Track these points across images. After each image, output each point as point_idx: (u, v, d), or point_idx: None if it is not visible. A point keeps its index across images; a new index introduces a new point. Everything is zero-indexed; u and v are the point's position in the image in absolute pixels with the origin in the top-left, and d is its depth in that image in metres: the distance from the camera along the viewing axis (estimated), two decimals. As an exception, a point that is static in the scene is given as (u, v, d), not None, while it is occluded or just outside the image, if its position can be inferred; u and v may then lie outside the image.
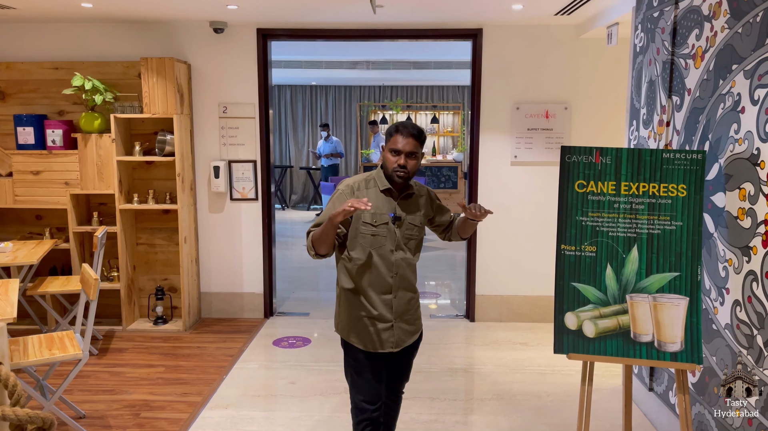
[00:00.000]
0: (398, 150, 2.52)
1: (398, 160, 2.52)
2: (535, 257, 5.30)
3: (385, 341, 2.63)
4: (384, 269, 2.59)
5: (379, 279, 2.59)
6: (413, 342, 2.75)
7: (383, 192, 2.60)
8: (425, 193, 2.75)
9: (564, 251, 2.82)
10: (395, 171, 2.53)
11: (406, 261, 2.64)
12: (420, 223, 2.68)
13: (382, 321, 2.62)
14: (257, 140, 5.26)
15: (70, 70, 4.97)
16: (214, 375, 4.25)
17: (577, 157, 2.83)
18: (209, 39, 5.15)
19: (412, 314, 2.71)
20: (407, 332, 2.69)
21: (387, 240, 2.58)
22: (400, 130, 2.53)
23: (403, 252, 2.62)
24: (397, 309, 2.64)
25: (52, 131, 4.93)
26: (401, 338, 2.67)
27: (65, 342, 3.41)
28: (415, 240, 2.67)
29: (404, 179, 2.56)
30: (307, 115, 12.60)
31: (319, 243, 2.52)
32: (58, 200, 4.96)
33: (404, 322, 2.67)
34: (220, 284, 5.45)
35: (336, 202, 2.57)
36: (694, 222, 2.71)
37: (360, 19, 4.87)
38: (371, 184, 2.62)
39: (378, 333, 2.62)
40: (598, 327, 2.76)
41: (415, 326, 2.74)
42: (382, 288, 2.60)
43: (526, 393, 3.99)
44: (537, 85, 5.14)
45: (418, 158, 2.57)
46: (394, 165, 2.53)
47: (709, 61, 2.85)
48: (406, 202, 2.64)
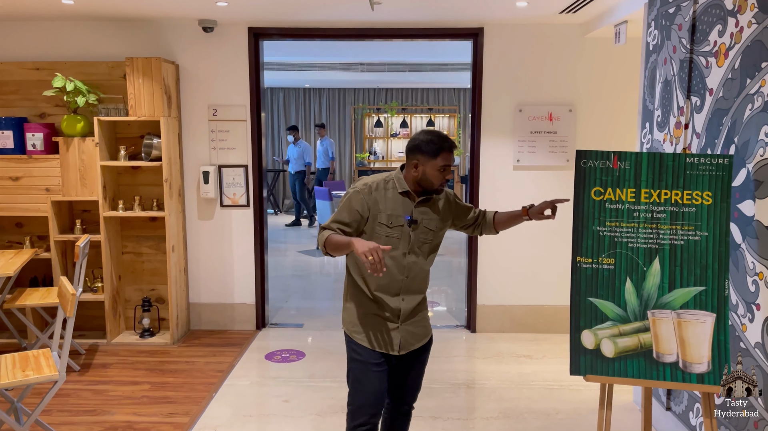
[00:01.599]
0: (448, 166, 2.51)
1: (445, 175, 2.52)
2: (538, 265, 5.09)
3: (387, 342, 2.59)
4: (395, 271, 2.55)
5: (389, 281, 2.55)
6: (421, 346, 2.67)
7: (401, 194, 2.55)
8: (444, 196, 2.68)
9: (580, 264, 2.62)
10: (441, 186, 2.55)
11: (418, 265, 2.59)
12: (436, 228, 2.61)
13: (389, 323, 2.59)
14: (248, 144, 5.03)
15: (52, 71, 4.73)
16: (203, 392, 4.01)
17: (594, 161, 2.62)
18: (198, 38, 4.92)
19: (419, 317, 2.66)
20: (414, 335, 2.63)
21: (401, 242, 2.53)
22: (444, 147, 2.48)
23: (416, 256, 2.57)
24: (404, 312, 2.60)
25: (32, 135, 4.69)
26: (407, 340, 2.61)
27: (41, 362, 3.17)
28: (429, 244, 2.62)
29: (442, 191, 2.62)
30: (301, 118, 12.37)
31: (333, 249, 2.44)
32: (39, 207, 4.72)
33: (411, 325, 2.63)
34: (210, 294, 5.21)
35: (352, 199, 2.51)
36: (721, 232, 2.50)
37: (356, 17, 4.66)
38: (390, 185, 2.56)
39: (385, 333, 2.59)
40: (618, 347, 2.55)
41: (423, 329, 2.68)
42: (391, 289, 2.57)
43: (534, 411, 3.78)
44: (540, 87, 4.94)
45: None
46: (441, 180, 2.52)
47: (734, 59, 2.65)
48: (423, 206, 2.58)
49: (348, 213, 2.49)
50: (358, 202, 2.49)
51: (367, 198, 2.50)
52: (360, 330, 2.60)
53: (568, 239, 4.98)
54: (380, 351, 2.58)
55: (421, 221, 2.56)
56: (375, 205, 2.50)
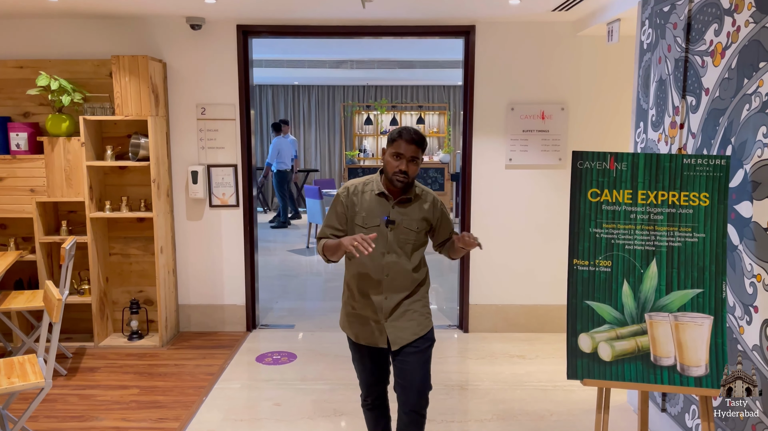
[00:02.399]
0: (400, 154, 2.54)
1: (400, 164, 2.54)
2: (531, 265, 5.07)
3: (377, 338, 2.68)
4: (374, 271, 2.63)
5: (369, 280, 2.65)
6: (416, 340, 2.67)
7: (378, 195, 2.63)
8: (431, 199, 2.73)
9: (576, 266, 2.58)
10: (395, 175, 2.56)
11: (399, 264, 2.63)
12: (418, 228, 2.66)
13: (372, 320, 2.68)
14: (238, 143, 4.96)
15: (36, 69, 4.63)
16: (193, 396, 3.95)
17: (590, 162, 2.59)
18: (186, 36, 4.83)
19: (406, 314, 2.68)
20: (404, 329, 2.67)
21: (378, 242, 2.58)
22: (402, 135, 2.55)
23: (397, 255, 2.62)
24: (387, 309, 2.65)
25: (16, 134, 4.59)
26: (397, 335, 2.66)
27: (26, 369, 3.09)
28: (412, 244, 2.66)
29: (403, 183, 2.58)
30: (290, 116, 12.27)
31: (330, 254, 2.61)
32: (24, 208, 4.62)
33: (399, 321, 2.67)
34: (200, 296, 5.14)
35: (335, 203, 2.68)
36: (718, 233, 2.48)
37: (347, 15, 4.60)
38: (368, 187, 2.66)
39: (371, 330, 2.68)
40: (615, 350, 2.52)
41: (416, 323, 2.68)
42: (372, 289, 2.65)
43: (529, 413, 3.75)
44: (532, 85, 4.90)
45: (418, 163, 2.59)
46: (395, 169, 2.55)
47: (731, 59, 2.63)
48: (402, 207, 2.64)
49: (335, 216, 2.68)
50: (340, 205, 2.66)
51: (345, 200, 2.65)
52: (347, 326, 2.78)
53: (561, 238, 4.99)
54: (367, 345, 2.70)
55: (401, 221, 2.61)
56: (352, 206, 2.64)
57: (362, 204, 2.62)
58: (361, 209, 2.62)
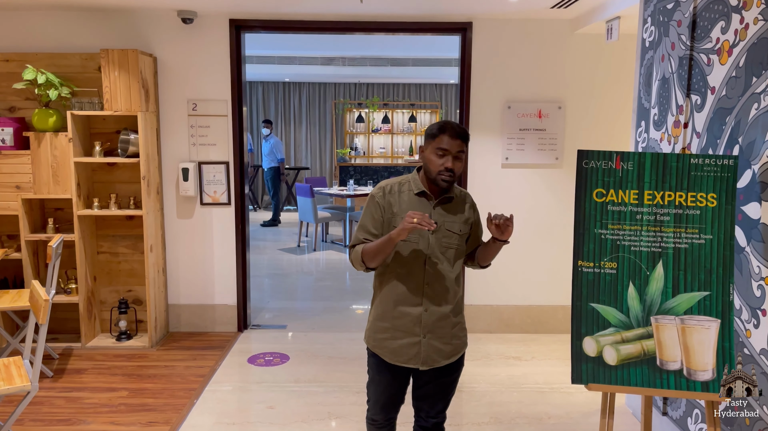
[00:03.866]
0: (445, 150, 2.28)
1: (445, 162, 2.29)
2: (526, 265, 5.01)
3: (409, 356, 2.42)
4: (415, 279, 2.38)
5: (409, 290, 2.40)
6: (448, 364, 2.47)
7: (417, 195, 2.40)
8: (470, 201, 2.51)
9: (581, 268, 2.52)
10: (440, 174, 2.31)
11: (441, 272, 2.39)
12: (460, 231, 2.43)
13: (409, 335, 2.41)
14: (230, 140, 4.86)
15: (22, 63, 4.51)
16: (184, 399, 3.85)
17: (595, 162, 2.53)
18: (177, 30, 4.73)
19: (446, 332, 2.44)
20: (439, 351, 2.43)
21: (419, 246, 2.36)
22: (446, 130, 2.29)
23: (439, 262, 2.38)
24: (426, 324, 2.40)
25: (1, 129, 4.46)
26: (430, 356, 2.42)
27: (11, 371, 2.99)
28: (455, 249, 2.42)
29: (449, 183, 2.34)
30: (280, 113, 12.17)
31: (372, 258, 2.34)
32: (9, 205, 4.50)
33: (437, 340, 2.42)
34: (190, 295, 5.04)
35: (370, 205, 2.43)
36: (726, 235, 2.43)
37: (343, 10, 4.51)
38: (405, 187, 2.42)
39: (405, 347, 2.42)
40: (621, 354, 2.46)
41: (452, 346, 2.46)
42: (411, 299, 2.40)
43: (526, 416, 3.69)
44: (529, 83, 4.84)
45: (463, 160, 2.35)
46: (440, 167, 2.30)
47: (738, 57, 2.57)
48: (444, 207, 2.41)
49: (371, 220, 2.42)
50: (376, 207, 2.41)
51: (382, 201, 2.40)
52: (378, 345, 2.47)
53: (557, 239, 4.94)
54: (398, 366, 2.45)
55: (443, 223, 2.38)
56: (389, 207, 2.40)
57: (400, 205, 2.38)
58: (399, 210, 2.38)
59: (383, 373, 2.50)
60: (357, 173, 11.35)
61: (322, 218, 8.46)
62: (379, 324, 2.47)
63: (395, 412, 2.61)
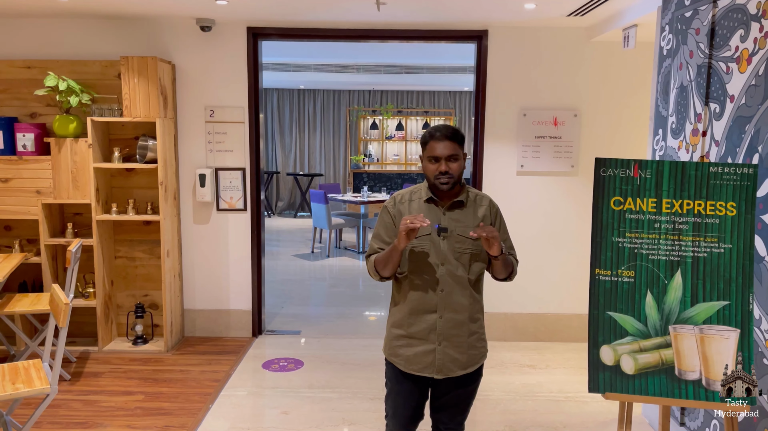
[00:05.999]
0: (436, 156, 2.33)
1: (438, 167, 2.33)
2: (541, 273, 5.00)
3: (424, 364, 2.42)
4: (428, 286, 2.38)
5: (422, 297, 2.40)
6: (465, 375, 2.45)
7: (427, 202, 2.42)
8: (487, 203, 2.50)
9: (599, 276, 2.51)
10: (437, 179, 2.35)
11: (454, 278, 2.38)
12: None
13: (425, 343, 2.41)
14: (246, 146, 4.90)
15: (44, 69, 4.58)
16: (199, 403, 3.88)
17: (613, 170, 2.52)
18: (195, 37, 4.78)
19: (462, 340, 2.42)
20: (455, 360, 2.42)
21: (431, 253, 2.37)
22: (433, 135, 2.34)
23: (453, 268, 2.38)
24: (441, 332, 2.40)
25: (23, 135, 4.53)
26: (446, 365, 2.41)
27: (31, 374, 3.03)
28: (469, 254, 2.39)
29: (450, 185, 2.35)
30: (295, 119, 12.24)
31: (383, 267, 2.38)
32: (29, 210, 4.56)
33: (452, 348, 2.41)
34: (205, 300, 5.07)
35: (383, 216, 2.48)
36: (745, 244, 2.41)
37: (359, 18, 4.55)
38: (415, 195, 2.46)
39: (420, 355, 2.42)
40: (638, 363, 2.45)
41: (468, 356, 2.44)
42: (426, 307, 2.40)
43: (541, 425, 3.67)
44: (545, 91, 4.84)
45: (460, 160, 2.36)
46: (435, 173, 2.34)
47: (758, 65, 2.56)
48: (454, 212, 2.42)
49: (384, 229, 2.46)
50: (387, 215, 2.46)
51: (392, 210, 2.45)
52: (394, 353, 2.48)
53: (572, 247, 4.92)
54: (414, 375, 2.45)
55: (454, 229, 2.38)
56: (399, 216, 2.42)
57: (410, 212, 2.40)
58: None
59: (401, 384, 2.49)
60: (371, 180, 11.38)
61: (336, 224, 8.48)
62: (395, 331, 2.48)
63: (413, 426, 2.56)
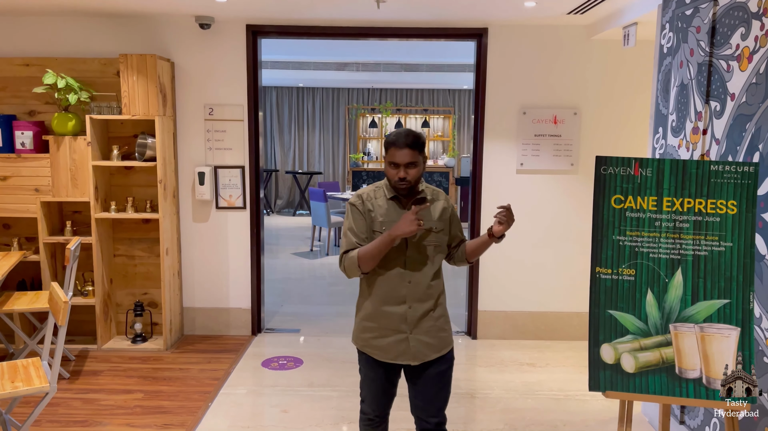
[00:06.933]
0: (396, 163, 2.46)
1: (398, 173, 2.46)
2: (540, 271, 5.00)
3: (397, 353, 2.55)
4: (397, 279, 2.52)
5: (392, 290, 2.53)
6: (438, 357, 2.58)
7: (391, 200, 2.56)
8: (443, 198, 2.66)
9: (599, 274, 2.51)
10: (397, 184, 2.49)
11: (420, 270, 2.53)
12: (436, 228, 2.57)
13: (396, 332, 2.54)
14: (246, 144, 4.89)
15: (42, 67, 4.57)
16: (199, 402, 3.87)
17: (614, 168, 2.52)
18: (194, 35, 4.77)
19: (431, 325, 2.57)
20: (428, 345, 2.56)
21: (398, 248, 2.50)
22: (395, 143, 2.46)
23: (418, 261, 2.53)
24: (412, 320, 2.54)
25: (21, 133, 4.52)
26: (420, 351, 2.55)
27: (30, 373, 3.02)
28: (432, 246, 2.56)
29: (407, 189, 2.51)
30: (294, 118, 12.22)
31: (368, 261, 2.46)
32: (28, 208, 4.55)
33: (423, 334, 2.55)
34: (205, 299, 5.07)
35: (352, 212, 2.56)
36: (746, 242, 2.41)
37: (359, 16, 4.53)
38: (379, 193, 2.59)
39: (393, 345, 2.55)
40: (639, 361, 2.44)
41: (439, 339, 2.58)
42: (395, 298, 2.53)
43: (542, 423, 3.67)
44: (545, 89, 4.84)
45: (419, 166, 2.49)
46: (395, 178, 2.48)
47: (759, 63, 2.56)
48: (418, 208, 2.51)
49: (356, 223, 2.55)
50: (357, 213, 2.55)
51: (362, 207, 2.56)
52: (366, 344, 2.60)
53: (571, 245, 4.92)
54: (388, 362, 2.56)
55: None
56: (368, 213, 2.55)
57: (378, 210, 2.54)
58: (377, 215, 2.54)
59: (375, 370, 2.61)
60: (370, 178, 11.37)
61: (335, 223, 8.47)
62: (366, 324, 2.59)
63: (388, 406, 2.70)
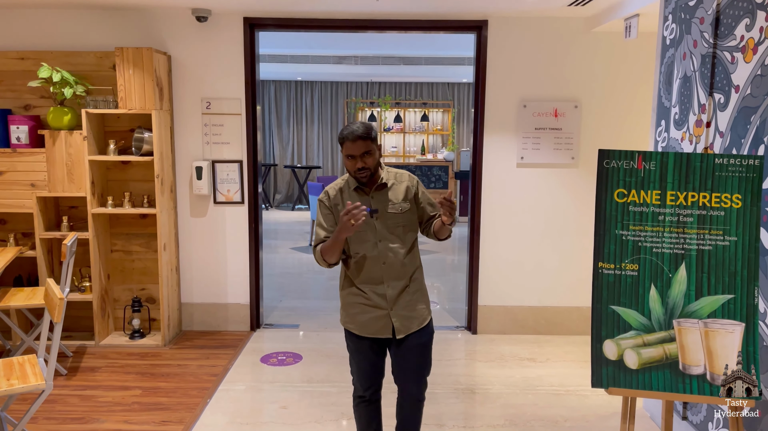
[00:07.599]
0: (352, 155, 2.60)
1: (355, 163, 2.61)
2: (541, 266, 4.96)
3: (382, 327, 2.70)
4: (371, 262, 2.68)
5: (369, 272, 2.69)
6: (419, 330, 2.73)
7: (356, 190, 2.71)
8: (407, 178, 2.77)
9: (602, 270, 2.48)
10: (357, 173, 2.64)
11: (393, 251, 2.68)
12: (401, 210, 2.71)
13: (377, 309, 2.70)
14: (243, 138, 4.85)
15: (37, 61, 4.52)
16: (197, 398, 3.84)
17: (617, 162, 2.48)
18: (191, 28, 4.72)
19: (409, 300, 2.72)
20: (409, 318, 2.72)
21: (369, 233, 2.67)
22: (347, 137, 2.58)
23: (390, 242, 2.68)
24: (391, 298, 2.69)
25: (16, 127, 4.47)
26: (403, 324, 2.70)
27: (26, 370, 2.99)
28: (401, 226, 2.70)
29: (367, 176, 2.65)
30: (292, 112, 12.16)
31: (329, 254, 2.64)
32: (24, 203, 4.51)
33: (404, 309, 2.71)
34: (203, 294, 5.03)
35: (320, 207, 2.76)
36: (751, 237, 2.38)
37: (357, 8, 4.48)
38: (344, 186, 2.74)
39: (375, 320, 2.70)
40: (642, 357, 2.42)
41: (417, 311, 2.74)
42: (373, 279, 2.70)
43: (542, 418, 3.65)
44: (545, 82, 4.79)
45: (374, 153, 2.62)
46: (353, 169, 2.63)
47: (764, 55, 2.52)
48: (380, 194, 2.70)
49: (324, 219, 2.73)
50: (325, 208, 2.73)
51: (329, 203, 2.72)
52: (350, 320, 2.76)
53: (572, 239, 4.89)
54: (371, 337, 2.72)
55: (384, 208, 2.68)
56: (336, 208, 2.70)
57: (344, 203, 2.66)
58: (344, 207, 2.62)
59: (358, 344, 2.76)
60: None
61: (334, 217, 8.43)
62: (348, 300, 2.76)
63: (377, 382, 2.82)
